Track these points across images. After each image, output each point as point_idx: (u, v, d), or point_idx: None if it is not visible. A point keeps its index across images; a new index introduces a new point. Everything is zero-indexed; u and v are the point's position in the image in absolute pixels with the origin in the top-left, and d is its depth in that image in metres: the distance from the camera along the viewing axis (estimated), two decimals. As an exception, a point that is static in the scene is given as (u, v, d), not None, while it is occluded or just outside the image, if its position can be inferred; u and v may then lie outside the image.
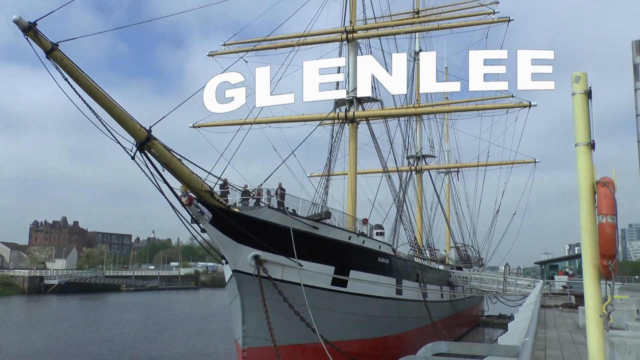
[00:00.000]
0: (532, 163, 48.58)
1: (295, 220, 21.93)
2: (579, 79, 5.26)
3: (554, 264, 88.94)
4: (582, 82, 5.27)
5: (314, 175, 42.48)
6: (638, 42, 5.39)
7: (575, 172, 5.26)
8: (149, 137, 16.48)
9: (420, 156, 54.01)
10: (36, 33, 14.01)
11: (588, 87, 5.27)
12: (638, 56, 5.41)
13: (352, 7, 35.85)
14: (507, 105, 34.88)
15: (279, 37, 35.41)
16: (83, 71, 14.98)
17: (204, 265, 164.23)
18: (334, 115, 33.91)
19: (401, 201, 39.48)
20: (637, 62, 5.41)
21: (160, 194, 17.85)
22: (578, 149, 5.25)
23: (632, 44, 5.43)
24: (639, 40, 5.38)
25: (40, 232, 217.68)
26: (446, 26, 36.53)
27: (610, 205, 4.99)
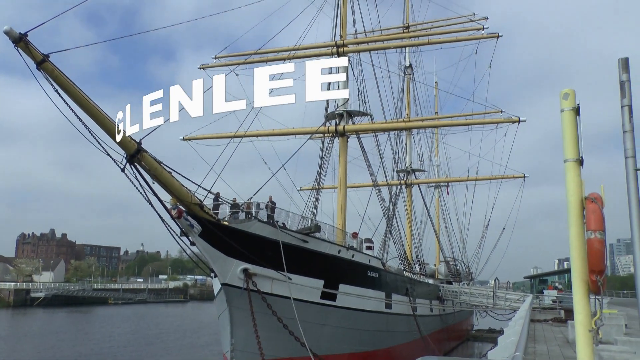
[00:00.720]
0: (521, 178, 48.96)
1: (284, 233, 21.88)
2: (567, 96, 5.34)
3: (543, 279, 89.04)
4: (570, 98, 5.35)
5: (304, 188, 42.55)
6: (624, 59, 5.48)
7: (564, 187, 5.32)
8: (139, 149, 16.46)
9: (410, 170, 54.17)
10: (27, 44, 13.99)
11: (576, 104, 5.35)
12: (624, 73, 5.50)
13: (343, 21, 36.11)
14: (497, 120, 35.18)
15: (270, 50, 35.59)
16: (73, 82, 14.95)
17: (193, 279, 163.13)
18: (324, 129, 34.01)
19: (391, 215, 39.53)
20: (623, 80, 5.50)
21: (150, 206, 17.81)
22: (567, 165, 5.32)
23: (618, 61, 5.52)
24: (625, 58, 5.47)
25: (27, 245, 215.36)
26: (436, 41, 36.88)
27: (598, 221, 5.06)
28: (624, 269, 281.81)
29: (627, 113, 5.43)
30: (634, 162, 5.30)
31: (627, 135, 5.36)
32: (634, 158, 5.30)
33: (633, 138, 5.42)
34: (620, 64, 5.53)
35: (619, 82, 5.51)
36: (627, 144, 5.33)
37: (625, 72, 5.51)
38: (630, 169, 5.25)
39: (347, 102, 34.25)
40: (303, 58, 35.06)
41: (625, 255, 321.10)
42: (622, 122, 5.36)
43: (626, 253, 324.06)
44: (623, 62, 5.51)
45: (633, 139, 5.41)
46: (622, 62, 5.52)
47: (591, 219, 5.10)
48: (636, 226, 5.06)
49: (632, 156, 5.30)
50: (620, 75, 5.51)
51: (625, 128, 5.37)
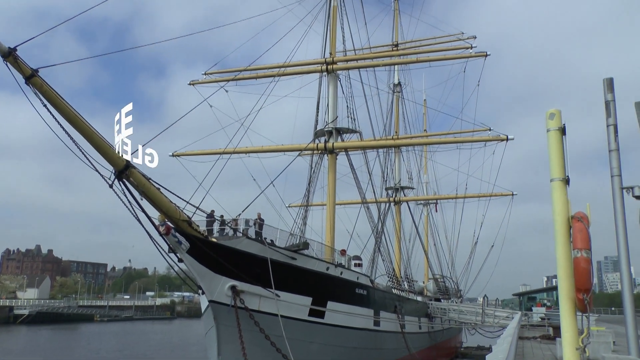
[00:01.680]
0: (509, 195, 49.18)
1: (273, 250, 21.79)
2: (553, 116, 5.38)
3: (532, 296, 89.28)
4: (556, 118, 5.39)
5: (293, 205, 42.45)
6: (609, 80, 5.56)
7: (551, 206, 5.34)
8: (127, 165, 16.37)
9: (399, 188, 54.30)
10: (16, 59, 13.94)
11: (562, 124, 5.39)
12: (609, 93, 5.57)
13: (332, 38, 36.36)
14: (485, 138, 35.40)
15: (260, 67, 35.69)
16: (62, 98, 14.89)
17: (180, 295, 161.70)
18: (313, 146, 34.07)
19: (379, 232, 39.50)
20: (608, 99, 5.57)
21: (138, 223, 17.67)
22: (553, 184, 5.34)
23: (603, 81, 5.59)
24: (610, 78, 5.54)
25: (12, 261, 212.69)
26: (424, 59, 37.19)
27: (585, 240, 5.08)
28: (611, 286, 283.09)
29: (613, 132, 5.49)
30: (619, 180, 5.35)
31: (613, 154, 5.42)
32: (619, 177, 5.35)
33: (619, 157, 5.47)
34: (605, 84, 5.61)
35: (604, 101, 5.59)
36: (612, 162, 5.39)
37: (610, 92, 5.59)
38: (616, 187, 5.30)
39: (336, 119, 34.35)
40: (293, 75, 35.22)
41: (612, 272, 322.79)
42: (608, 141, 5.42)
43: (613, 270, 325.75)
44: (608, 82, 5.59)
45: (619, 157, 5.46)
46: (607, 83, 5.60)
47: (577, 237, 5.11)
48: (622, 244, 5.10)
49: (618, 175, 5.36)
50: (605, 95, 5.59)
51: (611, 147, 5.43)
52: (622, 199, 5.22)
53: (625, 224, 5.21)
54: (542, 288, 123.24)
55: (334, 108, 34.51)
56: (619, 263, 5.33)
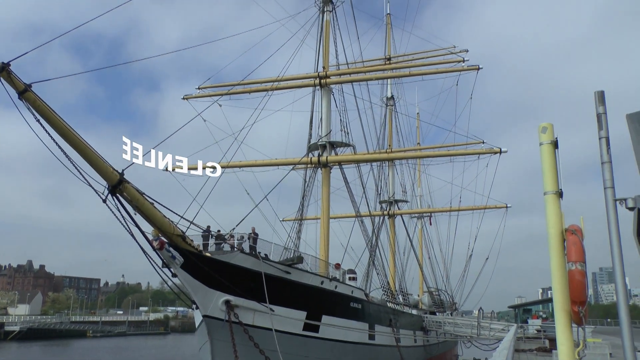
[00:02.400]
0: (503, 208, 49.32)
1: (267, 264, 21.74)
2: (545, 130, 5.42)
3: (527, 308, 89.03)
4: (548, 132, 5.43)
5: (287, 219, 42.35)
6: (600, 92, 5.60)
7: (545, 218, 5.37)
8: (121, 180, 16.35)
9: (393, 201, 54.36)
10: (9, 73, 13.95)
11: (555, 138, 5.44)
12: (600, 106, 5.61)
13: (325, 52, 36.56)
14: (478, 151, 35.56)
15: (253, 81, 35.82)
16: (56, 112, 14.88)
17: (174, 310, 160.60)
18: (307, 160, 34.10)
19: (374, 246, 39.48)
20: (600, 112, 5.61)
21: (132, 237, 17.60)
22: (547, 197, 5.38)
23: (594, 94, 5.64)
24: (601, 91, 5.59)
25: (3, 276, 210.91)
26: (417, 73, 37.46)
27: (579, 253, 5.11)
28: (607, 297, 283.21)
29: (605, 145, 5.52)
30: (613, 192, 5.37)
31: (606, 166, 5.44)
32: (612, 188, 5.37)
33: (611, 169, 5.50)
34: (596, 96, 5.65)
35: (596, 114, 5.62)
36: (605, 174, 5.41)
37: (601, 105, 5.62)
38: (610, 199, 5.32)
39: (330, 133, 34.44)
40: (286, 89, 35.34)
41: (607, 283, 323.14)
42: (600, 154, 5.45)
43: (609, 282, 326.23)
44: (599, 95, 5.63)
45: (611, 169, 5.49)
46: (598, 95, 5.64)
47: (572, 250, 5.15)
48: (617, 255, 5.11)
49: (611, 187, 5.38)
50: (596, 108, 5.62)
51: (604, 159, 5.46)
52: (615, 211, 5.24)
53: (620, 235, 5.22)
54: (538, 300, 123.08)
55: (327, 122, 34.62)
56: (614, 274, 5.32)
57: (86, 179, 15.93)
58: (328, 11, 37.58)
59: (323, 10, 37.53)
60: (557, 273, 5.28)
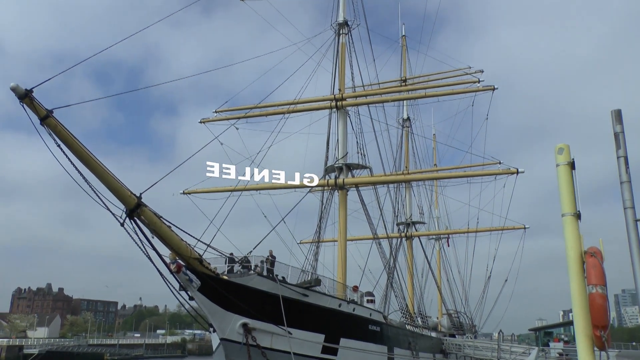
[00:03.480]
0: (522, 229, 48.74)
1: (284, 287, 21.65)
2: (562, 151, 5.37)
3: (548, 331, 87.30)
4: (565, 153, 5.38)
5: (304, 242, 42.20)
6: (617, 111, 5.55)
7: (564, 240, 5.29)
8: (139, 204, 16.48)
9: (410, 223, 54.08)
10: (32, 100, 14.22)
11: (571, 159, 5.38)
12: (618, 125, 5.55)
13: (341, 75, 36.77)
14: (495, 172, 35.31)
15: (270, 104, 36.06)
16: (76, 138, 15.11)
17: (192, 333, 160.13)
18: (324, 182, 34.11)
19: (392, 268, 39.21)
20: (617, 131, 5.55)
21: (149, 261, 17.67)
22: (565, 219, 5.30)
23: (611, 113, 5.59)
24: (618, 110, 5.54)
25: (23, 299, 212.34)
26: (433, 94, 37.42)
27: (599, 276, 5.01)
28: (630, 320, 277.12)
29: (623, 164, 5.45)
30: (633, 212, 5.29)
31: (625, 185, 5.37)
32: (633, 209, 5.29)
33: (631, 188, 5.42)
34: (613, 115, 5.60)
35: (613, 133, 5.57)
36: (625, 194, 5.33)
37: (618, 124, 5.57)
38: (630, 220, 5.24)
39: (346, 155, 34.47)
40: (302, 112, 35.54)
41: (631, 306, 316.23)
42: (619, 173, 5.38)
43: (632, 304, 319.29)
44: (616, 113, 5.58)
45: (631, 189, 5.41)
46: (615, 114, 5.59)
47: (592, 273, 5.06)
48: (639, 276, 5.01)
49: (631, 207, 5.30)
50: (614, 127, 5.57)
51: (623, 179, 5.39)
52: (636, 231, 5.15)
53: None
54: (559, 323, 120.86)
55: (343, 144, 34.69)
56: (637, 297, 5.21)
57: (104, 203, 16.10)
58: (344, 34, 37.89)
59: (339, 33, 37.84)
60: (578, 297, 5.19)
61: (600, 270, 5.04)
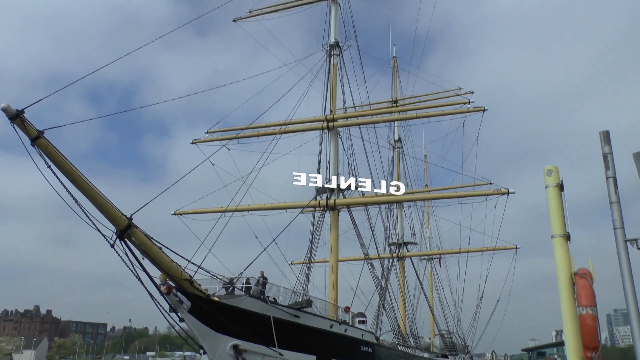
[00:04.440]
0: (513, 249, 48.80)
1: (275, 308, 21.51)
2: (550, 172, 5.40)
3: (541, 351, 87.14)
4: (554, 175, 5.41)
5: (295, 262, 42.03)
6: (605, 132, 5.61)
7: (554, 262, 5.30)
8: (129, 225, 16.37)
9: (402, 243, 54.02)
10: (23, 120, 14.17)
11: (560, 180, 5.41)
12: (606, 146, 5.61)
13: (333, 96, 36.94)
14: (486, 192, 35.40)
15: (261, 125, 36.12)
16: (66, 158, 15.04)
17: (182, 355, 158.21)
18: (315, 203, 34.09)
19: (383, 288, 39.07)
20: (605, 152, 5.60)
21: (139, 282, 17.52)
22: (554, 241, 5.31)
23: (600, 134, 5.65)
24: (606, 131, 5.60)
25: (9, 322, 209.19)
26: (423, 115, 37.66)
27: (589, 297, 5.02)
28: (623, 340, 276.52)
29: (612, 184, 5.50)
30: (622, 232, 5.32)
31: (614, 206, 5.41)
32: (622, 229, 5.32)
33: (620, 209, 5.45)
34: (601, 137, 5.65)
35: (602, 154, 5.62)
36: (614, 215, 5.37)
37: (607, 145, 5.62)
38: (620, 240, 5.26)
39: (338, 175, 34.50)
40: (294, 132, 35.63)
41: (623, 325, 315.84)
42: (609, 194, 5.42)
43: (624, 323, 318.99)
44: (604, 134, 5.64)
45: (620, 209, 5.45)
46: (603, 135, 5.65)
47: (582, 294, 5.06)
48: (631, 297, 5.03)
49: (620, 227, 5.33)
50: (602, 148, 5.62)
51: (612, 199, 5.43)
52: (626, 251, 5.18)
53: (632, 276, 5.15)
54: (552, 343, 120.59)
55: (335, 165, 34.75)
56: (629, 316, 5.23)
57: (94, 224, 15.98)
58: (335, 55, 38.16)
59: (330, 54, 38.11)
60: (568, 318, 5.18)
61: (590, 291, 5.04)
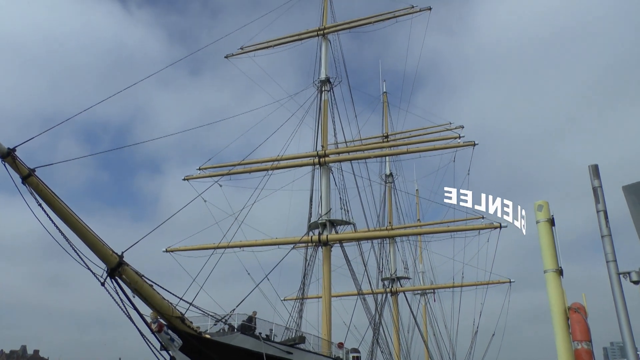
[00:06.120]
0: (507, 283, 48.55)
1: (268, 345, 21.23)
2: (541, 208, 5.43)
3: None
4: (544, 210, 5.43)
5: (288, 298, 41.61)
6: (594, 166, 5.67)
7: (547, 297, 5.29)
8: (120, 262, 16.24)
9: (395, 278, 53.72)
10: (14, 159, 14.15)
11: (551, 215, 5.43)
12: (595, 179, 5.66)
13: (324, 131, 37.18)
14: (478, 226, 35.36)
15: (253, 161, 36.20)
16: (57, 196, 15.00)
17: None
18: (307, 239, 33.99)
19: (377, 324, 38.69)
20: (595, 185, 5.65)
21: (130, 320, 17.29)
22: (547, 275, 5.30)
23: (589, 168, 5.70)
24: (595, 165, 5.66)
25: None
26: (414, 150, 37.87)
27: (584, 332, 4.99)
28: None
29: (603, 218, 5.53)
30: (615, 265, 5.33)
31: (606, 239, 5.42)
32: (615, 262, 5.33)
33: (612, 242, 5.46)
34: (590, 170, 5.70)
35: (592, 188, 5.66)
36: (606, 248, 5.38)
37: (596, 179, 5.67)
38: (613, 273, 5.27)
39: (330, 211, 34.50)
40: (286, 168, 35.72)
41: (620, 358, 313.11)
42: (600, 227, 5.44)
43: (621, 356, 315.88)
44: (593, 168, 5.69)
45: (612, 242, 5.46)
46: (592, 169, 5.70)
47: (576, 329, 5.03)
48: (626, 330, 5.01)
49: (613, 260, 5.34)
50: (592, 182, 5.67)
51: (603, 232, 5.44)
52: (619, 285, 5.18)
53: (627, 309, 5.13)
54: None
55: (327, 200, 34.77)
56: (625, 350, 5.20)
57: (85, 262, 15.83)
58: (326, 91, 38.56)
59: (321, 90, 38.51)
60: (563, 353, 5.14)
61: (584, 325, 5.02)
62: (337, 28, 40.39)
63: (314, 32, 39.76)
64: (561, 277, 5.33)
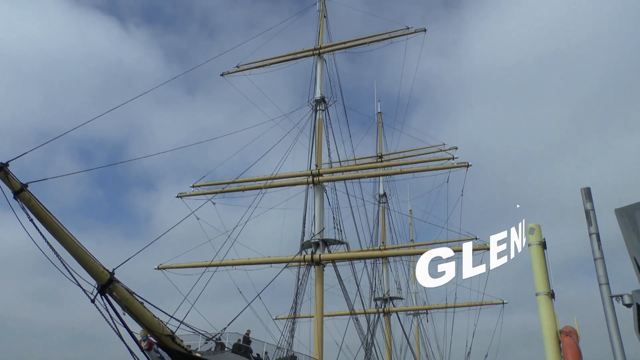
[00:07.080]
0: (500, 304, 48.36)
1: (259, 365, 21.06)
2: (533, 230, 5.42)
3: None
4: (536, 233, 5.43)
5: (280, 317, 41.32)
6: (586, 189, 5.68)
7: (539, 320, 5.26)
8: (111, 279, 16.10)
9: (388, 298, 53.48)
10: (7, 174, 14.09)
11: (542, 238, 5.42)
12: (588, 202, 5.66)
13: (318, 150, 37.20)
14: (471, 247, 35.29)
15: (247, 179, 36.15)
16: (49, 212, 14.91)
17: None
18: (300, 258, 33.85)
19: (369, 344, 38.40)
20: (587, 208, 5.65)
21: (119, 338, 17.09)
22: (539, 298, 5.27)
23: (581, 191, 5.71)
24: (587, 188, 5.66)
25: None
26: (408, 170, 37.98)
27: (575, 355, 4.95)
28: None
29: (596, 240, 5.52)
30: (608, 288, 5.32)
31: (599, 262, 5.41)
32: (607, 285, 5.32)
33: (604, 265, 5.46)
34: (583, 193, 5.71)
35: (584, 211, 5.66)
36: (599, 271, 5.37)
37: (588, 201, 5.67)
38: (606, 296, 5.25)
39: (323, 230, 34.42)
40: (280, 187, 35.69)
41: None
42: (592, 250, 5.43)
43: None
44: (586, 191, 5.70)
45: (604, 266, 5.45)
46: (584, 192, 5.71)
47: (568, 353, 5.00)
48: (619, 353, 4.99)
49: (605, 283, 5.33)
50: (584, 205, 5.67)
51: (596, 255, 5.44)
52: (612, 308, 5.16)
53: (619, 332, 5.11)
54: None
55: (320, 219, 34.71)
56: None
57: (75, 279, 15.69)
58: (321, 110, 38.66)
59: (316, 110, 38.60)
60: (556, 377, 5.10)
61: (576, 349, 4.98)
62: (332, 48, 40.63)
63: (310, 52, 39.99)
64: (553, 300, 5.31)
